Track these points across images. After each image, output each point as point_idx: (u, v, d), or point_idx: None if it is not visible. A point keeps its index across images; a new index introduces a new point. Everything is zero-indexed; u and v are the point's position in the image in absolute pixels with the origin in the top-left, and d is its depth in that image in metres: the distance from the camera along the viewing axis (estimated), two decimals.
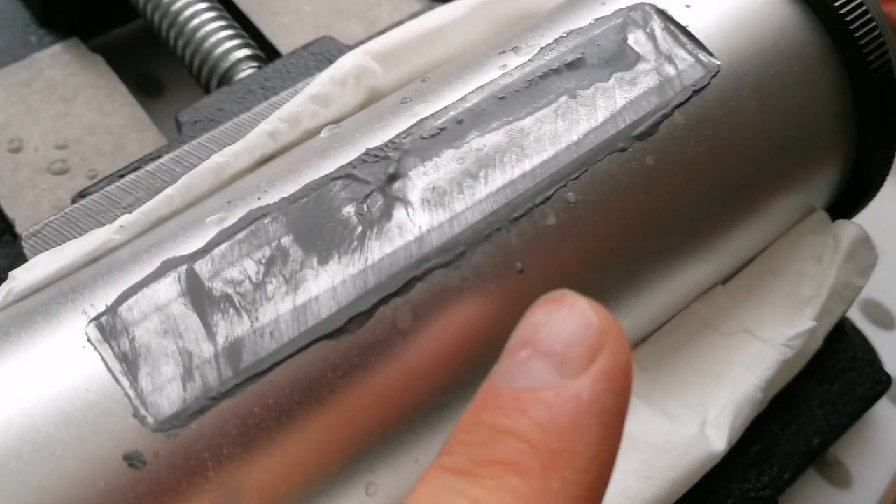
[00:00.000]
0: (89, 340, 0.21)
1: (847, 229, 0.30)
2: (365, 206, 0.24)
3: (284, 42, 0.38)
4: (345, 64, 0.28)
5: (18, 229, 0.33)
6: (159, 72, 0.42)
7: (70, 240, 0.26)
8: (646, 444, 0.25)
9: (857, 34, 0.28)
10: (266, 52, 0.37)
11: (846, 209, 0.32)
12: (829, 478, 0.37)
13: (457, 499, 0.17)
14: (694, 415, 0.26)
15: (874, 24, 0.28)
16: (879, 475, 0.37)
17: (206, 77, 0.35)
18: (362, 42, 0.31)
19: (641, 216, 0.25)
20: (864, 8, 0.28)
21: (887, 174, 0.31)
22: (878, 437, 0.38)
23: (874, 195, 0.32)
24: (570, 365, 0.18)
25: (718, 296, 0.29)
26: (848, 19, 0.28)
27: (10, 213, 0.33)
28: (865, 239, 0.30)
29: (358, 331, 0.22)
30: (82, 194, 0.29)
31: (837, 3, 0.28)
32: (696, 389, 0.27)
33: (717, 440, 0.26)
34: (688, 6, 0.28)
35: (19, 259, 0.27)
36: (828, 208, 0.31)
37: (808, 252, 0.30)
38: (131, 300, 0.22)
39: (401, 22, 0.32)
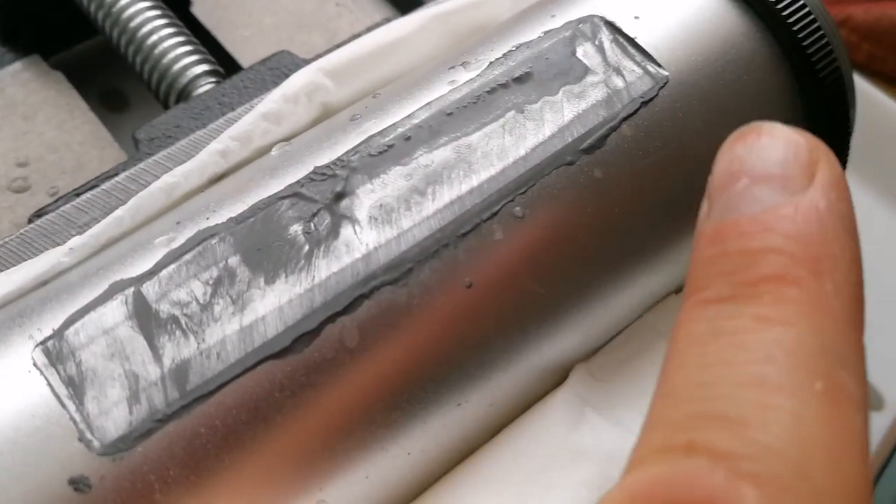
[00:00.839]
0: (35, 365, 0.21)
1: None
2: (312, 224, 0.24)
3: (246, 55, 0.38)
4: (297, 81, 0.28)
5: None
6: (124, 86, 0.42)
7: (25, 261, 0.26)
8: (597, 454, 0.25)
9: (804, 42, 0.28)
10: (228, 66, 0.37)
11: None
12: None
13: (739, 322, 0.17)
14: None
15: (822, 32, 0.29)
16: None
17: (164, 93, 0.35)
18: (322, 56, 0.31)
19: (590, 229, 0.26)
20: (812, 17, 0.29)
21: None
22: None
23: None
24: (795, 182, 0.18)
25: (672, 306, 0.29)
26: (795, 28, 0.28)
27: None
28: None
29: (305, 350, 0.22)
30: (38, 214, 0.29)
31: (785, 13, 0.28)
32: (650, 399, 0.27)
33: None
34: (636, 17, 0.28)
35: None
36: None
37: None
38: (78, 324, 0.22)
39: (359, 35, 0.33)
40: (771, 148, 0.19)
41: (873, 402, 0.39)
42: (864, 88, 0.48)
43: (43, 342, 0.22)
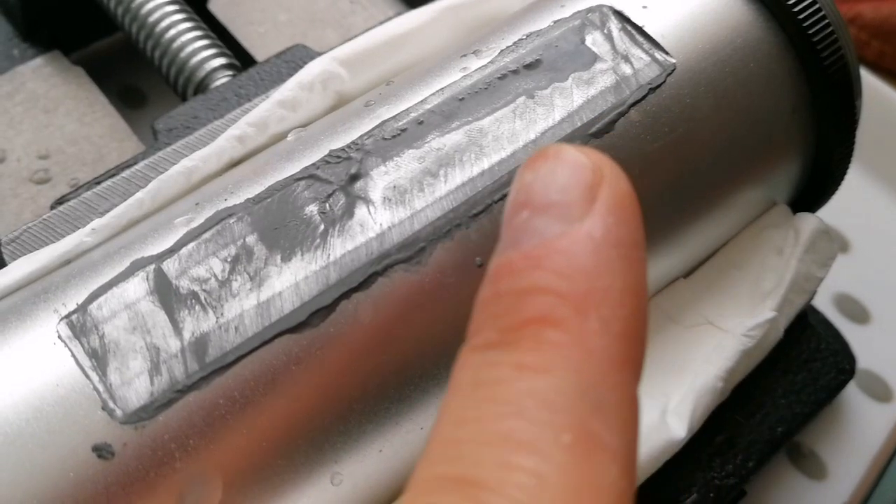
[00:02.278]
0: (60, 337, 0.22)
1: (807, 222, 0.31)
2: (327, 205, 0.24)
3: (261, 51, 0.39)
4: (312, 69, 0.29)
5: (1, 237, 0.34)
6: (141, 83, 0.43)
7: (48, 244, 0.27)
8: None
9: (810, 31, 0.29)
10: (243, 61, 0.37)
11: (809, 203, 0.33)
12: (804, 469, 0.37)
13: (499, 371, 0.16)
14: (655, 404, 0.27)
15: (827, 20, 0.29)
16: (854, 466, 0.38)
17: (182, 86, 0.35)
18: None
19: None
20: (817, 6, 0.29)
21: (847, 168, 0.32)
22: (852, 429, 0.39)
23: (835, 190, 0.33)
24: (573, 209, 0.17)
25: (681, 289, 0.30)
26: (802, 17, 0.29)
27: None
28: (825, 231, 0.31)
29: (320, 325, 0.23)
30: (60, 201, 0.30)
31: (791, 2, 0.29)
32: (658, 380, 0.28)
33: (678, 428, 0.27)
34: (644, 7, 0.29)
35: (0, 266, 0.28)
36: (790, 202, 0.32)
37: (770, 245, 0.31)
38: (101, 299, 0.23)
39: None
40: (554, 173, 0.18)
41: (881, 394, 0.40)
42: (875, 86, 0.48)
43: (67, 316, 0.22)
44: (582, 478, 0.15)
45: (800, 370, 0.32)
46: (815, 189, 0.32)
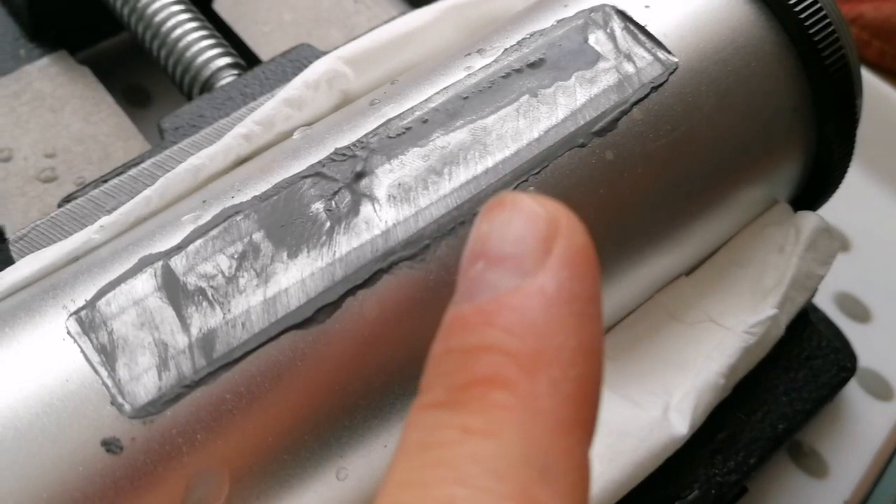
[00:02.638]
0: (69, 333, 0.22)
1: (808, 220, 0.31)
2: (333, 202, 0.25)
3: (266, 50, 0.39)
4: (318, 68, 0.29)
5: (9, 235, 0.34)
6: (146, 82, 0.43)
7: (55, 242, 0.27)
8: (608, 429, 0.26)
9: (811, 30, 0.29)
10: (248, 60, 0.38)
11: (810, 201, 0.33)
12: (805, 467, 0.37)
13: (445, 433, 0.16)
14: (657, 401, 0.27)
15: (828, 20, 0.29)
16: (855, 465, 0.38)
17: (188, 85, 0.36)
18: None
19: (602, 210, 0.26)
20: (818, 5, 0.29)
21: (847, 167, 0.32)
22: (853, 428, 0.39)
23: (835, 188, 0.33)
24: (526, 262, 0.17)
25: (682, 286, 0.30)
26: (803, 16, 0.29)
27: (1, 220, 0.35)
28: (826, 229, 0.31)
29: (326, 321, 0.23)
30: (68, 199, 0.30)
31: (792, 1, 0.29)
32: (660, 377, 0.28)
33: (680, 424, 0.27)
34: (647, 6, 0.29)
35: (9, 263, 0.28)
36: (791, 201, 0.32)
37: (771, 243, 0.31)
38: (109, 295, 0.23)
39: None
40: (509, 224, 0.17)
41: (882, 392, 0.40)
42: (876, 85, 0.48)
43: (76, 312, 0.23)
44: None
45: (801, 367, 0.32)
46: (815, 187, 0.33)
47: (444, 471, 0.15)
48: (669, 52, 0.28)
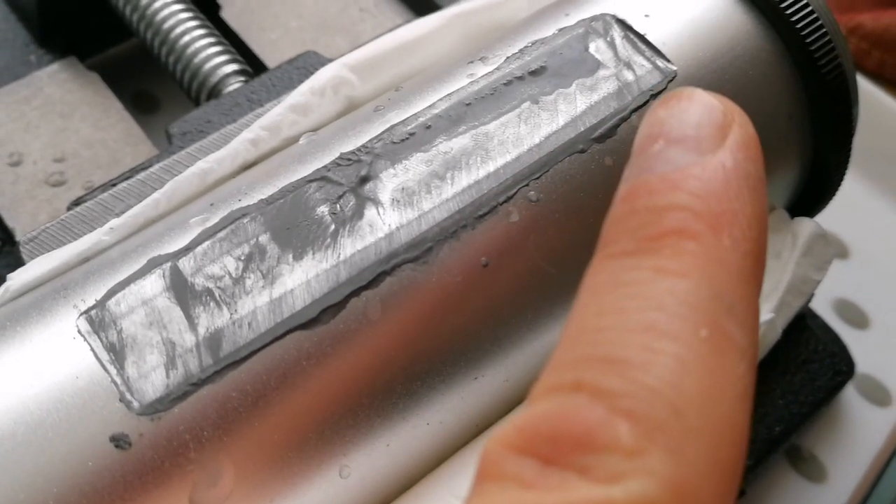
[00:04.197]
0: (79, 332, 0.23)
1: (804, 226, 0.31)
2: (338, 206, 0.25)
3: (272, 57, 0.40)
4: (323, 75, 0.30)
5: (18, 238, 0.34)
6: (155, 89, 0.44)
7: (65, 244, 0.28)
8: None
9: (808, 39, 0.30)
10: (255, 67, 0.38)
11: (807, 208, 0.33)
12: (804, 472, 0.38)
13: (638, 273, 0.18)
14: None
15: (824, 29, 0.30)
16: (853, 470, 0.38)
17: (196, 91, 0.36)
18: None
19: (601, 213, 0.27)
20: (814, 15, 0.30)
21: (843, 175, 0.33)
22: (852, 433, 0.39)
23: (832, 195, 0.33)
24: (706, 143, 0.19)
25: None
26: (799, 25, 0.30)
27: (10, 223, 0.35)
28: (822, 235, 0.31)
29: (331, 321, 0.24)
30: (77, 202, 0.30)
31: (788, 11, 0.30)
32: None
33: None
34: (647, 16, 0.29)
35: (19, 265, 0.28)
36: (788, 207, 0.33)
37: (768, 249, 0.31)
38: (119, 295, 0.24)
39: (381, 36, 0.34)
40: (688, 111, 0.20)
41: (880, 398, 0.40)
42: (876, 95, 0.49)
43: (86, 311, 0.23)
44: (718, 367, 0.17)
45: (798, 371, 0.33)
46: (812, 194, 0.33)
47: (641, 301, 0.17)
48: (668, 61, 0.29)
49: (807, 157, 0.32)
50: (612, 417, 0.16)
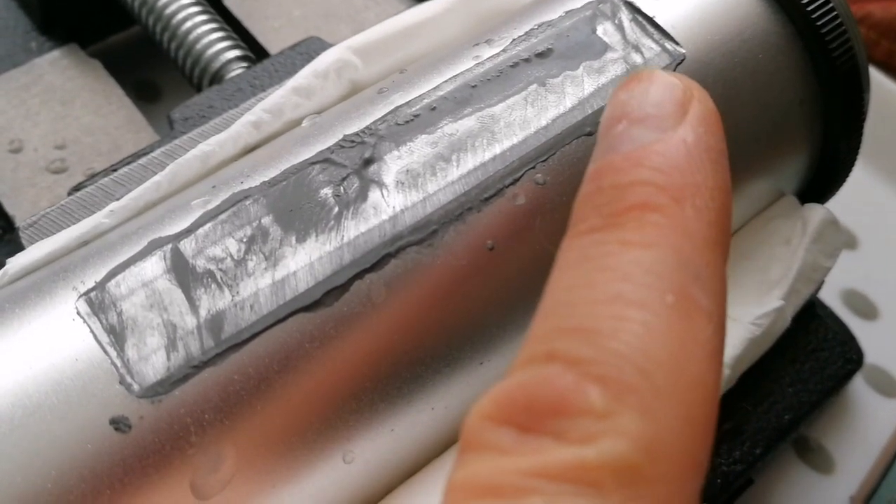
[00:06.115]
0: (79, 314, 0.23)
1: (814, 212, 0.31)
2: (342, 188, 0.25)
3: (275, 45, 0.39)
4: (326, 58, 0.29)
5: (18, 225, 0.34)
6: (156, 77, 0.44)
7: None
8: None
9: (819, 22, 0.29)
10: (258, 55, 0.38)
11: (817, 195, 0.33)
12: (812, 463, 0.37)
13: (605, 247, 0.18)
14: None
15: (836, 13, 0.30)
16: (861, 461, 0.38)
17: (198, 77, 0.36)
18: None
19: None
20: None
21: (854, 161, 0.32)
22: (860, 424, 0.39)
23: (842, 182, 0.33)
24: (667, 119, 0.20)
25: None
26: (810, 8, 0.29)
27: (11, 210, 0.35)
28: (833, 221, 0.31)
29: (334, 304, 0.23)
30: (77, 188, 0.30)
31: None
32: None
33: None
34: None
35: (19, 250, 0.28)
36: (798, 194, 0.32)
37: (778, 235, 0.31)
38: (119, 277, 0.23)
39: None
40: (648, 91, 0.21)
41: (889, 389, 0.40)
42: (884, 85, 0.48)
43: (86, 293, 0.23)
44: (684, 331, 0.17)
45: (807, 359, 0.32)
46: (822, 181, 0.33)
47: (609, 273, 0.18)
48: (677, 43, 0.28)
49: (817, 144, 0.31)
50: (584, 383, 0.17)
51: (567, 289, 0.18)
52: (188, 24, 0.36)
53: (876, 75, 0.47)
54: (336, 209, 0.24)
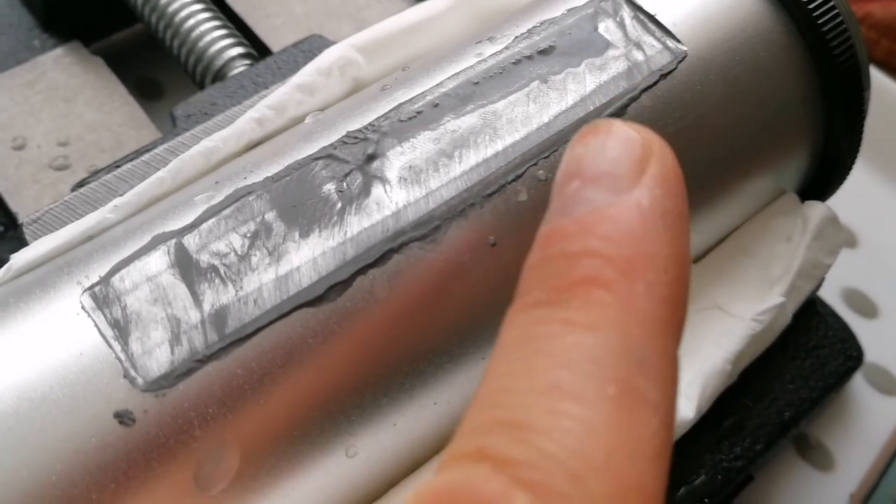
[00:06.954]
0: (83, 308, 0.23)
1: (815, 209, 0.31)
2: (345, 183, 0.25)
3: (277, 43, 0.39)
4: (330, 55, 0.30)
5: (22, 221, 0.34)
6: (159, 75, 0.44)
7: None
8: None
9: (820, 20, 0.29)
10: (260, 52, 0.38)
11: (817, 192, 0.33)
12: (812, 461, 0.37)
13: (547, 327, 0.17)
14: None
15: (836, 10, 0.30)
16: (861, 458, 0.38)
17: (200, 75, 0.36)
18: None
19: None
20: None
21: (854, 159, 0.32)
22: (860, 422, 0.39)
23: (843, 180, 0.33)
24: (622, 180, 0.18)
25: (691, 274, 0.30)
26: (811, 6, 0.29)
27: (14, 207, 0.35)
28: (833, 219, 0.31)
29: (337, 299, 0.23)
30: (81, 184, 0.30)
31: None
32: None
33: (687, 409, 0.27)
34: None
35: (22, 246, 0.28)
36: (799, 191, 0.33)
37: (779, 232, 0.31)
38: (123, 271, 0.23)
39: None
40: (605, 146, 0.19)
41: (889, 387, 0.40)
42: (884, 85, 0.48)
43: (90, 288, 0.23)
44: (625, 427, 0.16)
45: (808, 356, 0.33)
46: (823, 178, 0.33)
47: (548, 358, 0.17)
48: (678, 41, 0.28)
49: (818, 141, 0.31)
50: (512, 490, 0.15)
51: (505, 374, 0.17)
52: (191, 21, 0.37)
53: (876, 75, 0.47)
54: (339, 205, 0.25)
